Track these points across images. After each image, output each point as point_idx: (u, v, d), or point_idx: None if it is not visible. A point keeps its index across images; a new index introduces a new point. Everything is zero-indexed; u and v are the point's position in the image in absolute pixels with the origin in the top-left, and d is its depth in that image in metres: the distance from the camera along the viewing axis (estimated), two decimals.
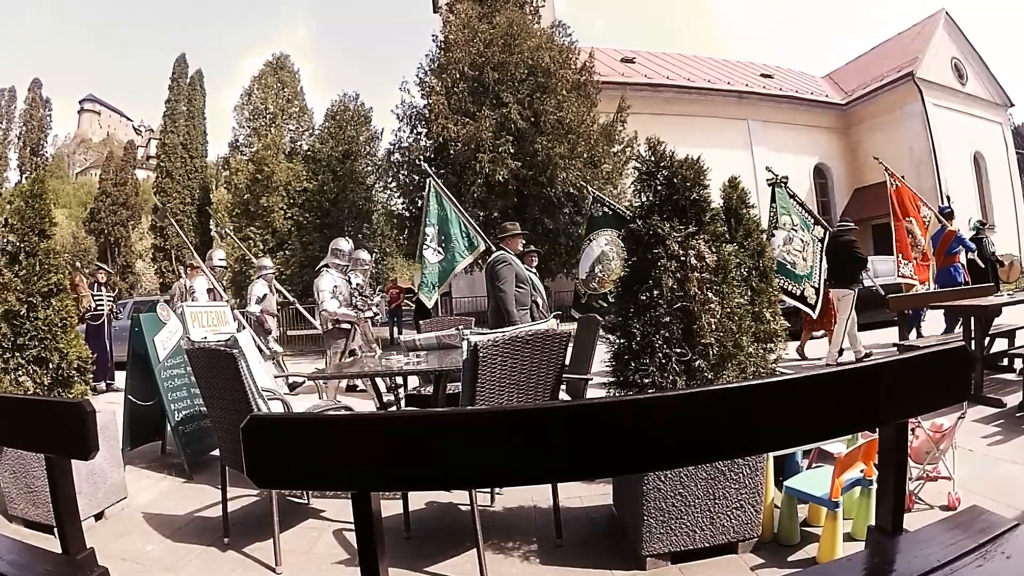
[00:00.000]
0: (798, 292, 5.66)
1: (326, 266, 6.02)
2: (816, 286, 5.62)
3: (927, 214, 7.26)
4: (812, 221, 5.87)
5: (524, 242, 5.56)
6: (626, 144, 15.61)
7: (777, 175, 6.10)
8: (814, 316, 5.86)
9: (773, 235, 5.81)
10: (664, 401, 0.79)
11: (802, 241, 5.77)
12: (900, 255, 6.88)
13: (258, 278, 6.97)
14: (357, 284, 6.31)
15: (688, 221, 2.52)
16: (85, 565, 1.28)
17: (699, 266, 2.47)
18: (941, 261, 7.18)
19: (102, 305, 7.91)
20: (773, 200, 6.07)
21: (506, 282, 4.27)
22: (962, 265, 7.25)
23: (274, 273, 7.75)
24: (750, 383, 0.81)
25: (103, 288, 8.18)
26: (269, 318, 6.96)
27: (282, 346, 8.26)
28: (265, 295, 6.80)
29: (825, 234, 5.79)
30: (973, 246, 7.52)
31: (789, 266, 5.74)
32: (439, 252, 6.10)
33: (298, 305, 9.57)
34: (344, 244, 6.26)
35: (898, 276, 6.95)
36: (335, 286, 5.81)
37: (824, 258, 5.70)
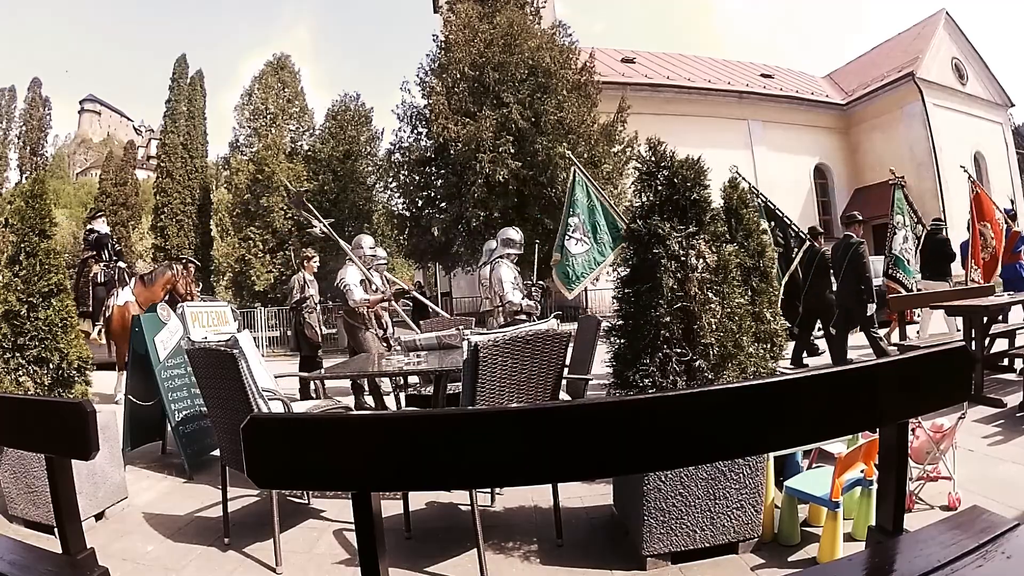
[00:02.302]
0: (911, 285, 6.57)
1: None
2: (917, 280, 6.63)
3: (999, 217, 7.61)
4: (915, 220, 6.97)
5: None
6: (626, 144, 15.61)
7: (899, 177, 7.08)
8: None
9: (895, 234, 6.75)
10: (664, 401, 0.79)
11: (913, 239, 6.82)
12: (972, 260, 7.23)
13: (350, 261, 5.92)
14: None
15: (688, 221, 2.52)
16: (85, 565, 1.28)
17: (699, 266, 2.47)
18: (1007, 258, 7.40)
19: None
20: (893, 204, 6.97)
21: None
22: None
23: (386, 263, 6.60)
24: (750, 383, 0.81)
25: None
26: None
27: (282, 347, 8.14)
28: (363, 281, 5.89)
29: (923, 232, 6.76)
30: None
31: (905, 262, 6.72)
32: (584, 242, 5.95)
33: (423, 298, 8.59)
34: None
35: (968, 281, 7.19)
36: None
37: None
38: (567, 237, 5.90)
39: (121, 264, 7.11)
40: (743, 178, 5.95)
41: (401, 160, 16.41)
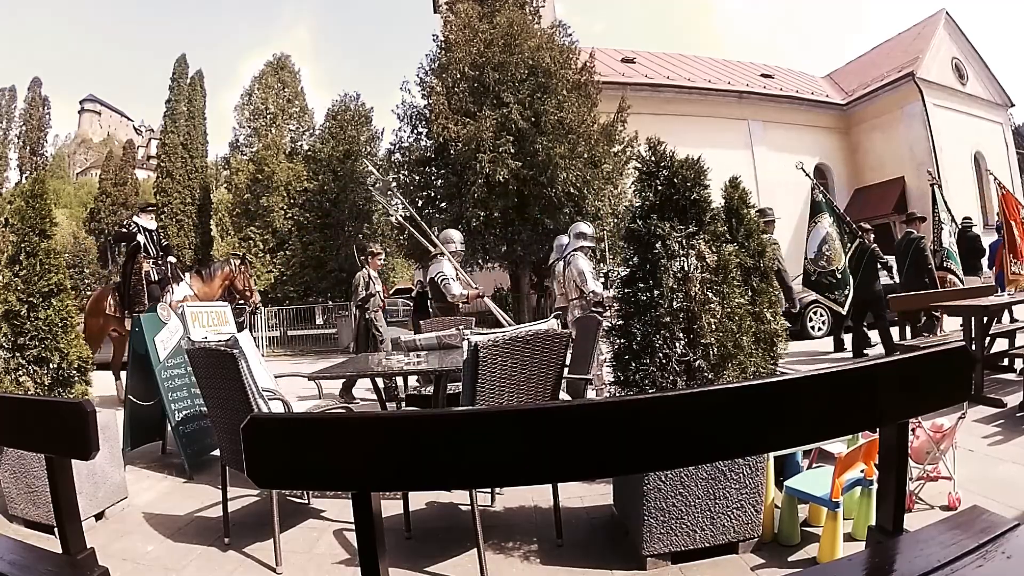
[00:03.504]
0: (962, 276, 7.11)
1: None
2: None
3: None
4: (950, 218, 7.58)
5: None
6: (626, 144, 15.60)
7: (935, 177, 7.85)
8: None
9: (942, 229, 7.36)
10: (664, 401, 0.79)
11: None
12: (1012, 255, 7.35)
13: (441, 255, 5.71)
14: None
15: (688, 221, 2.52)
16: (85, 565, 1.28)
17: (699, 266, 2.47)
18: None
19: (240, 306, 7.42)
20: (935, 202, 7.70)
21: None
22: None
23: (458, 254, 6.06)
24: (750, 383, 0.81)
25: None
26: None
27: (282, 347, 8.09)
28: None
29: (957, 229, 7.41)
30: None
31: (956, 255, 7.34)
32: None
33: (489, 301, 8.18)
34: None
35: (1010, 275, 7.37)
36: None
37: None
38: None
39: (172, 259, 6.91)
40: (809, 177, 6.99)
41: (401, 160, 16.39)
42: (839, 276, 6.67)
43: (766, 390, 0.81)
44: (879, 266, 6.95)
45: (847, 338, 7.36)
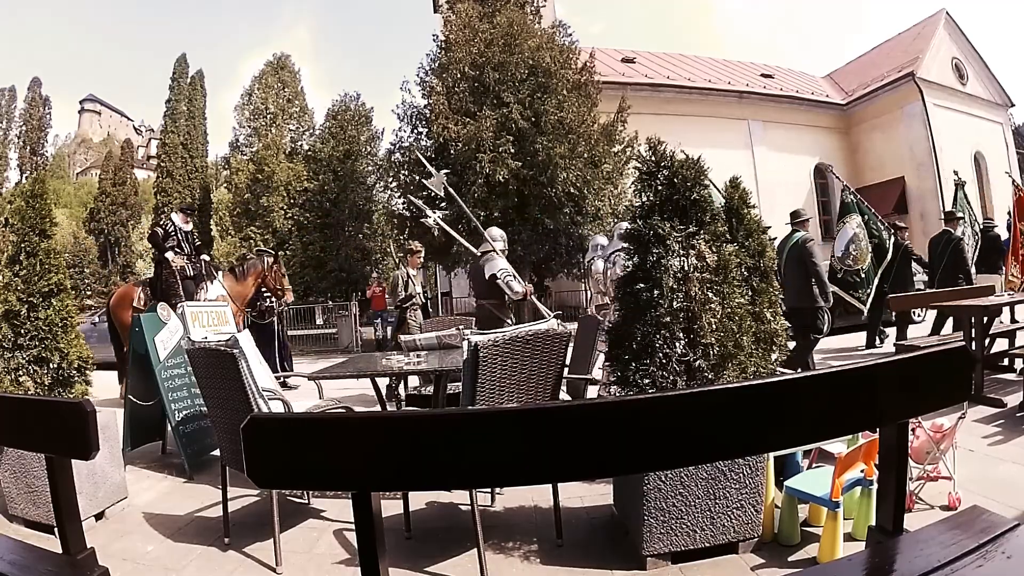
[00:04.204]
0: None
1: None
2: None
3: None
4: (973, 218, 8.14)
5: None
6: (626, 144, 15.60)
7: (961, 179, 8.24)
8: None
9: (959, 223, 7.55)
10: (664, 401, 0.79)
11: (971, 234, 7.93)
12: (1013, 258, 7.61)
13: (492, 253, 5.47)
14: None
15: (689, 221, 2.52)
16: (85, 565, 1.28)
17: (700, 266, 2.47)
18: None
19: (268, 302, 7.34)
20: (955, 201, 8.19)
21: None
22: None
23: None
24: (750, 383, 0.81)
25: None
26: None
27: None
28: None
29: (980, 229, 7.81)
30: None
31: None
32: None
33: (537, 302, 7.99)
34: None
35: (1009, 276, 7.61)
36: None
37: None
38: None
39: (205, 257, 6.91)
40: (839, 180, 7.54)
41: (401, 160, 16.39)
42: (863, 275, 7.01)
43: (766, 390, 0.81)
44: (913, 262, 7.42)
45: (892, 333, 7.67)
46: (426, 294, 6.65)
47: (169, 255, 6.43)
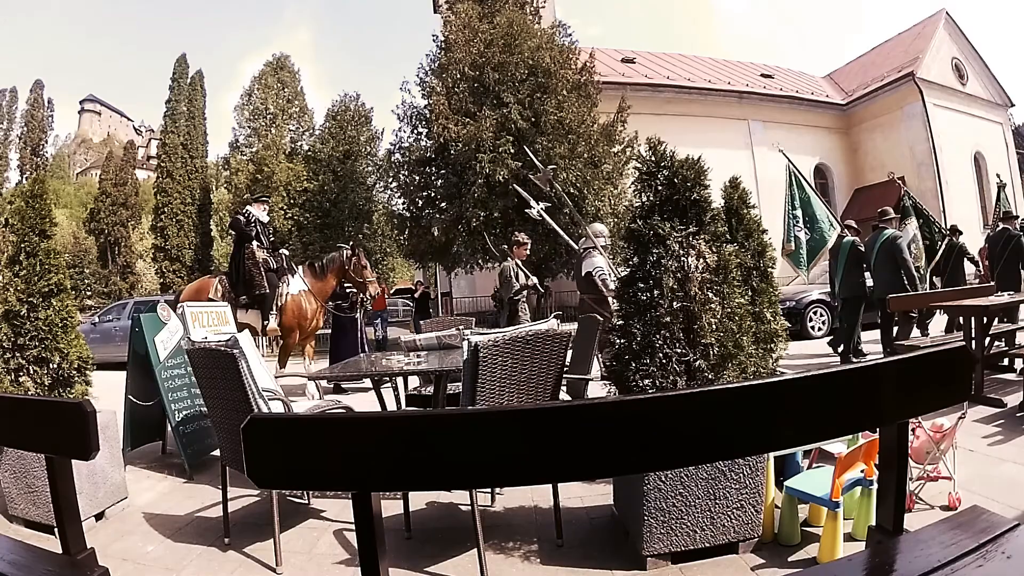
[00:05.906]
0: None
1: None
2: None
3: None
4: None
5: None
6: (626, 144, 15.61)
7: (1002, 180, 9.06)
8: None
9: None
10: (664, 401, 0.79)
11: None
12: None
13: (593, 249, 5.36)
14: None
15: (689, 221, 2.52)
16: (85, 565, 1.28)
17: (699, 266, 2.47)
18: None
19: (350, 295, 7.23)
20: (998, 201, 8.91)
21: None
22: None
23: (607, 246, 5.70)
24: (750, 383, 0.81)
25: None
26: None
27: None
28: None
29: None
30: None
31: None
32: (807, 231, 7.06)
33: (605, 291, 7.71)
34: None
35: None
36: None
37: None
38: (797, 228, 7.02)
39: (284, 252, 6.76)
40: (901, 185, 7.99)
41: (401, 160, 16.41)
42: (921, 272, 7.29)
43: (766, 390, 0.81)
44: (967, 261, 7.85)
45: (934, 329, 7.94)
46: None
47: (254, 245, 6.26)
